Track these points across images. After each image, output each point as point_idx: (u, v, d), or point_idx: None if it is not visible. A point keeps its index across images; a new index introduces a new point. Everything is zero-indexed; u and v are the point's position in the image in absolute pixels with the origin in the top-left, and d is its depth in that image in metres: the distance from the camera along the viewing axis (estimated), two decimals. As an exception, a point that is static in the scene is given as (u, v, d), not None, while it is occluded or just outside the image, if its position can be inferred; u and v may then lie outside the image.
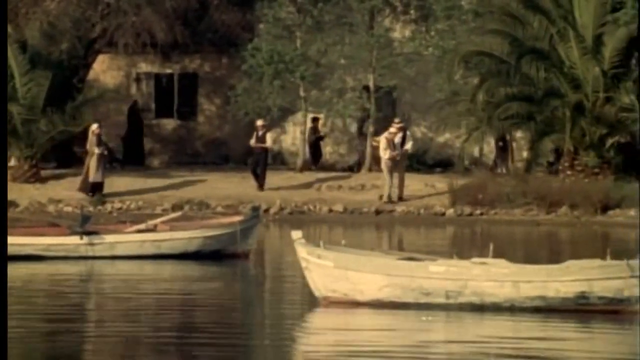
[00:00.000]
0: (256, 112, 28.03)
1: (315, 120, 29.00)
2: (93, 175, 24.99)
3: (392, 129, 25.68)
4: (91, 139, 25.31)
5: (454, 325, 11.44)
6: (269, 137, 26.33)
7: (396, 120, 26.50)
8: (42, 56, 26.48)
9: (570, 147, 25.97)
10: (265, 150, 26.13)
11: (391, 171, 25.35)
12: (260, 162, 25.99)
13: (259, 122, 26.34)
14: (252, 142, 26.15)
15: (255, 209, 18.64)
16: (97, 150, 25.00)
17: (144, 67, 30.71)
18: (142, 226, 17.43)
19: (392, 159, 25.29)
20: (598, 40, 25.90)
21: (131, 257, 16.81)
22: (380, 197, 25.58)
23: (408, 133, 26.62)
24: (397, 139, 25.78)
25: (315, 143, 28.99)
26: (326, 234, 21.18)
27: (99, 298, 13.70)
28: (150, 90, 30.86)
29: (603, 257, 12.10)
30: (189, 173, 27.64)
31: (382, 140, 25.57)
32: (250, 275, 16.49)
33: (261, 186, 26.01)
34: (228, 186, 26.46)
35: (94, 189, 25.14)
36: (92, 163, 25.01)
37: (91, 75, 29.81)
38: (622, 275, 11.71)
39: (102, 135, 25.52)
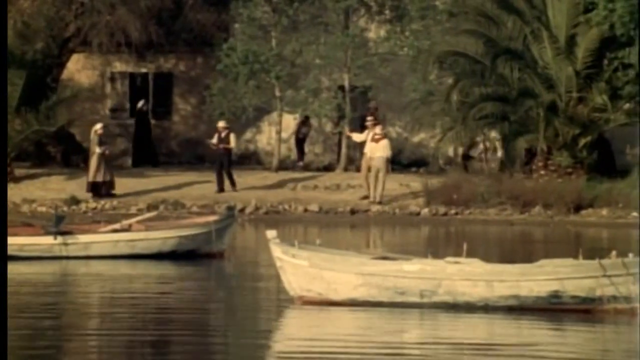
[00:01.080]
0: (231, 111, 28.06)
1: (306, 119, 29.07)
2: (92, 175, 25.04)
3: (377, 130, 25.64)
4: (93, 138, 25.39)
5: (428, 325, 11.49)
6: (233, 138, 26.32)
7: (369, 119, 26.50)
8: (16, 55, 26.36)
9: (544, 147, 26.14)
10: (229, 151, 26.16)
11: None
12: (225, 163, 26.02)
13: (221, 124, 26.40)
14: (214, 141, 26.01)
15: (231, 208, 18.64)
16: (97, 150, 25.03)
17: (119, 66, 30.63)
18: (116, 226, 17.39)
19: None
20: (571, 41, 26.08)
21: (105, 257, 16.76)
22: (365, 197, 25.49)
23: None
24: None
25: (301, 140, 29.08)
26: (302, 234, 21.21)
27: (73, 298, 13.66)
28: (125, 89, 30.78)
29: (576, 257, 12.18)
30: (164, 173, 27.59)
31: (381, 142, 25.33)
32: (225, 274, 16.49)
33: (233, 185, 26.04)
34: (203, 186, 26.45)
35: (94, 189, 25.15)
36: (92, 163, 25.05)
37: (65, 74, 29.69)
38: (595, 274, 11.80)
39: (103, 136, 25.51)
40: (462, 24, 27.13)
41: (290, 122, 29.43)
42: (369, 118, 26.53)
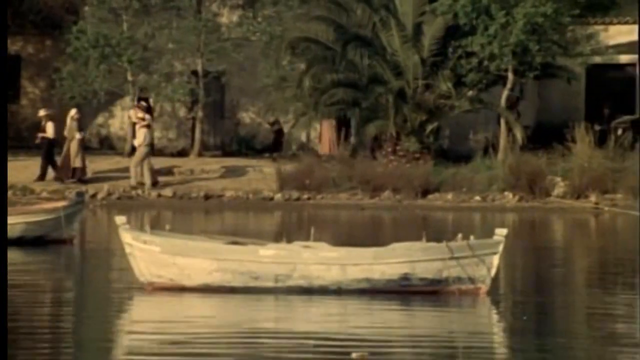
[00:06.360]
0: (82, 95, 27.60)
1: (275, 123, 28.49)
2: (74, 160, 24.84)
3: (140, 114, 25.62)
4: (70, 124, 25.18)
5: (283, 310, 11.65)
6: (50, 127, 25.85)
7: (141, 103, 26.43)
8: None
9: (393, 133, 26.74)
10: (48, 140, 25.70)
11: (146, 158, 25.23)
12: (43, 152, 25.62)
13: (41, 112, 26.09)
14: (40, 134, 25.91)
15: (80, 194, 18.38)
16: (77, 135, 24.77)
17: (-38, 48, 29.66)
18: (-39, 213, 16.90)
19: (150, 145, 25.31)
20: (418, 29, 26.74)
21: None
22: (140, 184, 25.22)
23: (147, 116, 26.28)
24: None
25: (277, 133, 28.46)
26: (155, 219, 21.08)
27: None
28: (-31, 72, 29.82)
29: (421, 240, 12.54)
30: (12, 157, 26.91)
31: (141, 130, 25.27)
32: (74, 261, 16.26)
33: (42, 177, 25.59)
34: (52, 171, 25.92)
35: (75, 174, 24.78)
36: (72, 148, 24.79)
37: None
38: (442, 256, 12.20)
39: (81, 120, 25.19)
40: (313, 11, 27.45)
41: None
42: (141, 103, 26.43)
